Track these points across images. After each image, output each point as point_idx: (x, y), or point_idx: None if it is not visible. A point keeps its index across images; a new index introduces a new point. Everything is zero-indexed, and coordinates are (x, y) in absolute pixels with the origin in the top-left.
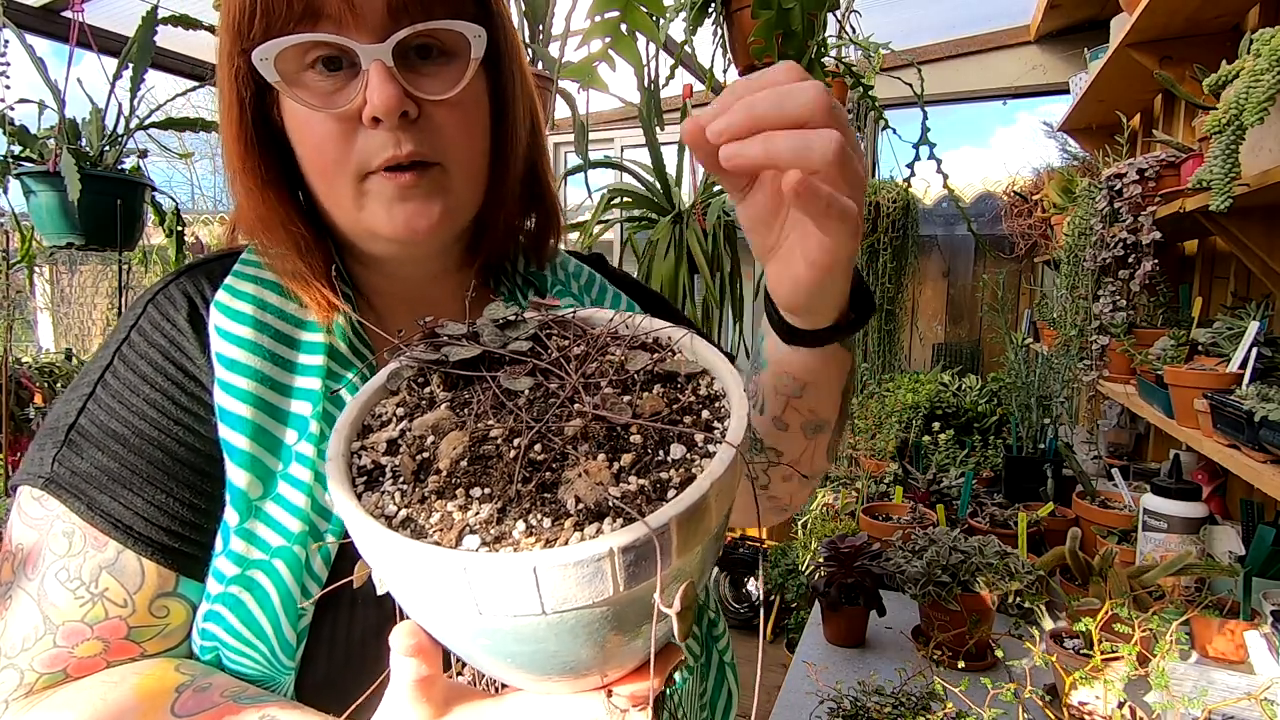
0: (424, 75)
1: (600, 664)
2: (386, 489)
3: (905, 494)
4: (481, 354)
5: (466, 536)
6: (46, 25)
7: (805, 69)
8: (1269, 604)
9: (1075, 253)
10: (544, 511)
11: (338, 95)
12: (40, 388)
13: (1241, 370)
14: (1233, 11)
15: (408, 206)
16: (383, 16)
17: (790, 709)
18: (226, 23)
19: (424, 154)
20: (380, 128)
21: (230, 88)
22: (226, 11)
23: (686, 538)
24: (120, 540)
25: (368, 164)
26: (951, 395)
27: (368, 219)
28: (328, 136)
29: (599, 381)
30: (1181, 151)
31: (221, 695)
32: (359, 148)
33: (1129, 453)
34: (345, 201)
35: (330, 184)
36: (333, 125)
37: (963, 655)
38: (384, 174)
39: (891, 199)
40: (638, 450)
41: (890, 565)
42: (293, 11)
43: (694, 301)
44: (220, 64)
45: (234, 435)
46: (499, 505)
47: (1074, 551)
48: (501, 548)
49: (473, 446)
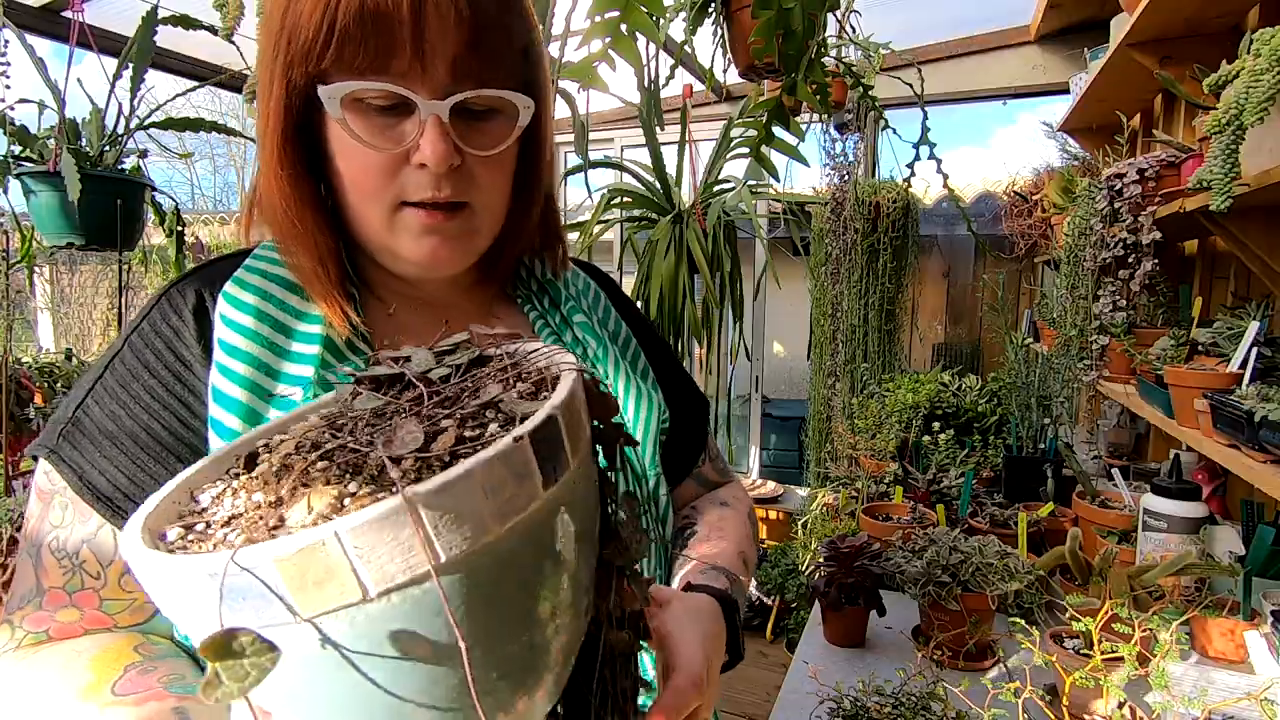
0: (472, 129)
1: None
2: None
3: (905, 494)
4: (399, 375)
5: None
6: (46, 25)
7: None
8: (1269, 604)
9: (1075, 253)
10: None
11: (390, 134)
12: (40, 388)
13: (1241, 370)
14: (1233, 11)
15: (434, 240)
16: (446, 75)
17: (790, 709)
18: (293, 43)
19: (458, 197)
20: (424, 171)
21: (280, 95)
22: (294, 31)
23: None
24: (101, 513)
25: (405, 196)
26: (951, 395)
27: (395, 243)
28: (373, 167)
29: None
30: (1181, 151)
31: (159, 680)
32: (400, 181)
33: (1129, 453)
34: (376, 223)
35: (365, 205)
36: (380, 159)
37: (963, 655)
38: (418, 208)
39: (891, 199)
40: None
41: (890, 565)
42: (365, 57)
43: (694, 301)
44: (274, 71)
45: (226, 416)
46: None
47: (1074, 551)
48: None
49: (289, 455)
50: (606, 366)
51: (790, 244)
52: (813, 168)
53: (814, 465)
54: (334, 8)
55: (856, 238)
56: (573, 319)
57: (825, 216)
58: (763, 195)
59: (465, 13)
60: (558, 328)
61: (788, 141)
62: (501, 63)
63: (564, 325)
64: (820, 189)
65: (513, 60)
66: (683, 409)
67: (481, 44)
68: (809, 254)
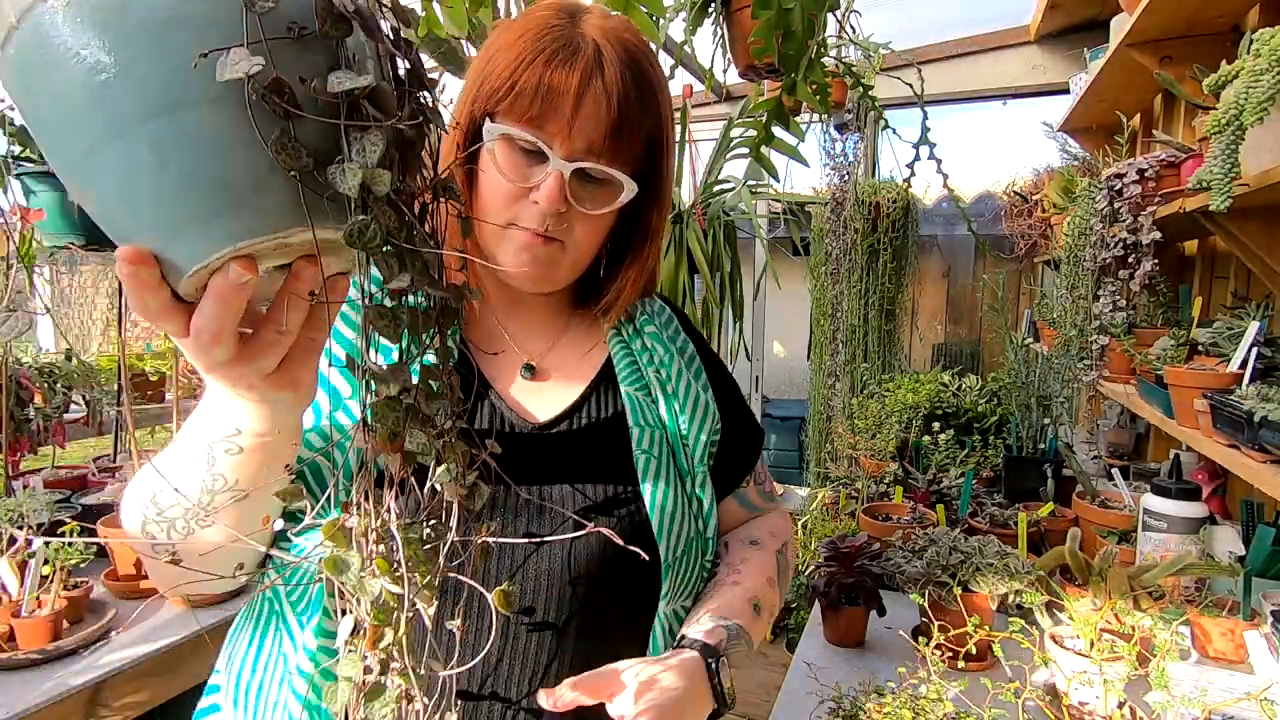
0: (585, 190)
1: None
2: None
3: (905, 494)
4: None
5: None
6: None
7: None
8: (1269, 604)
9: (1075, 253)
10: None
11: (523, 171)
12: (40, 388)
13: (1241, 370)
14: (1233, 11)
15: (524, 257)
16: (580, 145)
17: (790, 709)
18: (483, 87)
19: (555, 235)
20: (537, 207)
21: (466, 118)
22: (486, 78)
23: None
24: None
25: (518, 219)
26: (951, 395)
27: (496, 249)
28: (504, 190)
29: None
30: (1181, 151)
31: None
32: (518, 207)
33: (1129, 453)
34: (489, 232)
35: (486, 213)
36: (510, 187)
37: (963, 655)
38: (524, 230)
39: (891, 199)
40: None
41: (890, 565)
42: (530, 111)
43: (694, 301)
44: (465, 100)
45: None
46: None
47: (1074, 551)
48: None
49: None
50: (670, 370)
51: (790, 244)
52: (813, 168)
53: (814, 465)
54: (519, 72)
55: (856, 238)
56: (644, 330)
57: (825, 216)
58: (762, 195)
59: (613, 110)
60: (629, 337)
61: (788, 141)
62: (625, 150)
63: (635, 335)
64: (820, 189)
65: (637, 151)
66: (736, 431)
67: (615, 133)
68: (809, 254)
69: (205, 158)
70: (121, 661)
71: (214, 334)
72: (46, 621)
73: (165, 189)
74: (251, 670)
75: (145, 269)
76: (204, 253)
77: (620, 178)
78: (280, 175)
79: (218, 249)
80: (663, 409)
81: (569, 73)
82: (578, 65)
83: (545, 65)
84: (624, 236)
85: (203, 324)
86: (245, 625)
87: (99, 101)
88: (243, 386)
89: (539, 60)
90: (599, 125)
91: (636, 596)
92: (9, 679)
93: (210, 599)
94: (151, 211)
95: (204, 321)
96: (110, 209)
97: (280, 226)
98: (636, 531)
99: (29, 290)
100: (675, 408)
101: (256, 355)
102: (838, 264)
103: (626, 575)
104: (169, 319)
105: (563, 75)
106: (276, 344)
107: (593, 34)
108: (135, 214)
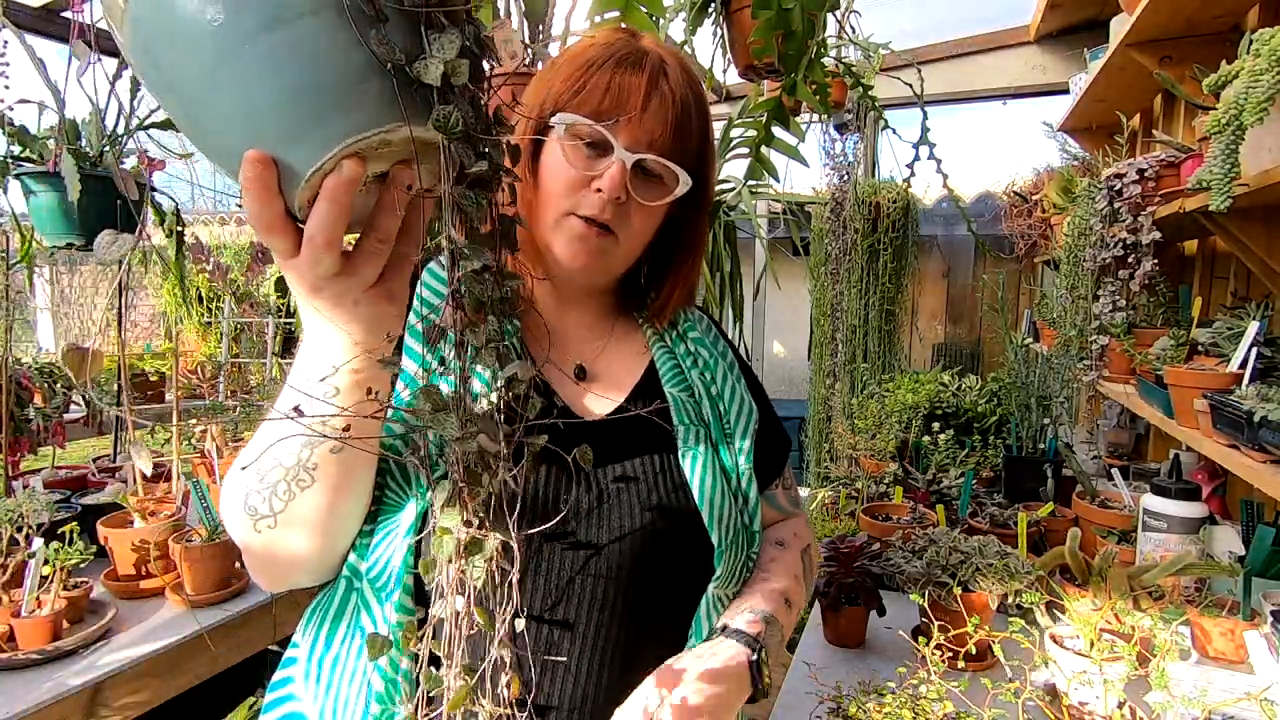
0: (642, 183)
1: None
2: None
3: (905, 494)
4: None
5: None
6: (46, 25)
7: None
8: (1269, 604)
9: (1075, 253)
10: None
11: (587, 162)
12: (40, 388)
13: (1241, 370)
14: (1233, 11)
15: (578, 246)
16: (643, 139)
17: (790, 709)
18: (554, 89)
19: (611, 224)
20: (598, 195)
21: (533, 116)
22: (560, 82)
23: None
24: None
25: (576, 208)
26: (951, 395)
27: (552, 239)
28: (565, 178)
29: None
30: (1181, 151)
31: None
32: (578, 196)
33: (1129, 453)
34: (547, 218)
35: (546, 206)
36: (573, 175)
37: (963, 655)
38: (580, 219)
39: (891, 199)
40: None
41: (890, 565)
42: (600, 108)
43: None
44: (532, 100)
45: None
46: None
47: (1074, 551)
48: None
49: None
50: (715, 372)
51: (790, 244)
52: (813, 168)
53: (814, 465)
54: (591, 73)
55: (856, 238)
56: (688, 335)
57: (825, 216)
58: (762, 195)
59: (675, 109)
60: (672, 342)
61: (788, 141)
62: (681, 147)
63: (678, 340)
64: (820, 189)
65: (690, 151)
66: (766, 435)
67: (674, 130)
68: (809, 254)
69: (312, 64)
70: (121, 662)
71: (327, 238)
72: (46, 622)
73: (281, 98)
74: (326, 644)
75: (269, 171)
76: (320, 154)
77: (676, 170)
78: (377, 76)
79: (330, 149)
80: (706, 410)
81: (637, 75)
82: (645, 69)
83: (615, 68)
84: (670, 243)
85: (316, 228)
86: (323, 603)
87: (217, 27)
88: (347, 302)
89: (609, 64)
90: (662, 122)
91: (688, 578)
92: (9, 679)
93: (286, 583)
94: (272, 120)
95: (318, 224)
96: (230, 129)
97: (383, 122)
98: (687, 522)
99: (29, 290)
100: (720, 409)
101: (360, 265)
102: (838, 264)
103: (680, 560)
104: (282, 233)
105: (631, 77)
106: (377, 253)
107: (654, 49)
108: (255, 126)
